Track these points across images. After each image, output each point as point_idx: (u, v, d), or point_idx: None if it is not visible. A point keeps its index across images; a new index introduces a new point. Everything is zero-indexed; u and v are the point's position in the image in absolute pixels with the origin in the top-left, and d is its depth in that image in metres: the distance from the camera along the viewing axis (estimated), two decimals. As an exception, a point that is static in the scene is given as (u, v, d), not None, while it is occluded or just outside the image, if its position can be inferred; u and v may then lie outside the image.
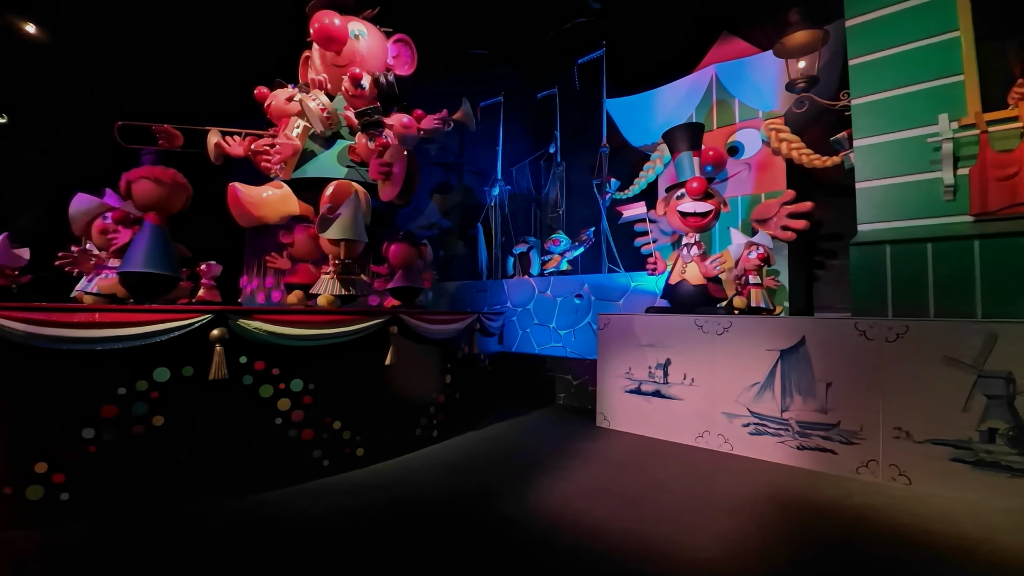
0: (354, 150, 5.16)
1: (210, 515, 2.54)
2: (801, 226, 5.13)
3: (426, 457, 3.53)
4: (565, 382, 5.38)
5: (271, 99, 5.37)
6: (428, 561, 2.14)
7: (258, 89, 5.54)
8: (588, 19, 8.88)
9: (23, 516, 2.35)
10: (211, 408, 2.71)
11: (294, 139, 5.01)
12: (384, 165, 4.58)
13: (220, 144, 5.17)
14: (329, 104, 4.99)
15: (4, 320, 2.29)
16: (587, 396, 5.18)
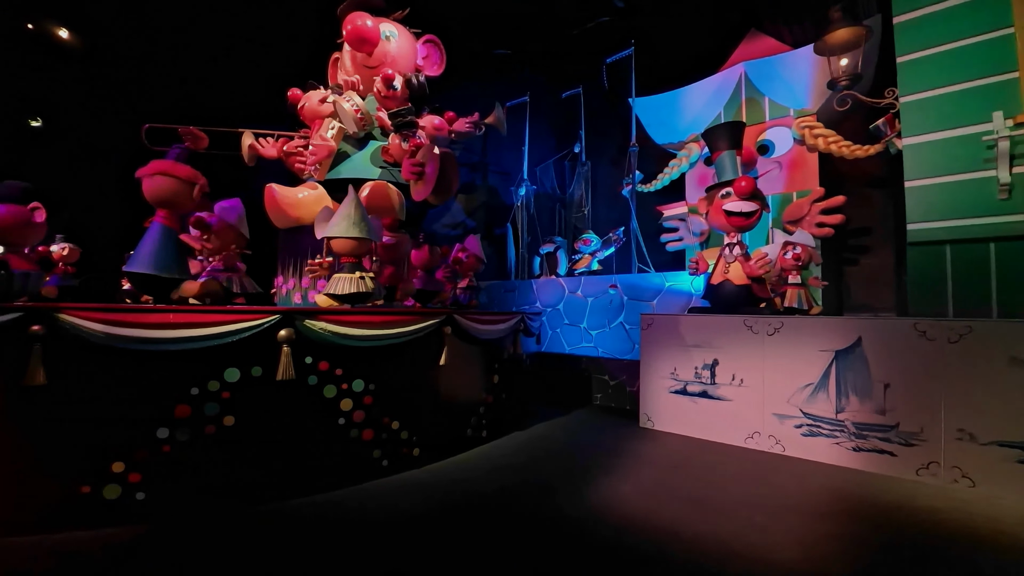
0: (387, 151, 5.16)
1: (277, 515, 2.54)
2: (837, 220, 5.08)
3: (479, 457, 3.52)
4: (601, 382, 5.36)
5: (304, 101, 5.39)
6: (506, 563, 2.12)
7: (291, 91, 5.57)
8: (612, 18, 8.83)
9: (101, 515, 2.36)
10: (278, 408, 2.72)
11: (329, 140, 5.02)
12: (416, 165, 4.58)
13: (254, 146, 5.20)
14: (363, 105, 5.00)
15: (84, 321, 2.30)
16: (625, 396, 5.16)
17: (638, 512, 2.63)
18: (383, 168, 5.17)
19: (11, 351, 2.25)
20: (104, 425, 2.38)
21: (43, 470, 2.30)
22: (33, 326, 2.25)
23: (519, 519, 2.53)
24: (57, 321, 2.28)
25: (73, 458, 2.34)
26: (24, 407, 2.28)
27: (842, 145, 6.07)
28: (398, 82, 5.14)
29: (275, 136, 5.37)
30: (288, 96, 5.61)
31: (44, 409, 2.30)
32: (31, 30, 7.45)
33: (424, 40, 5.73)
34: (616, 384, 5.24)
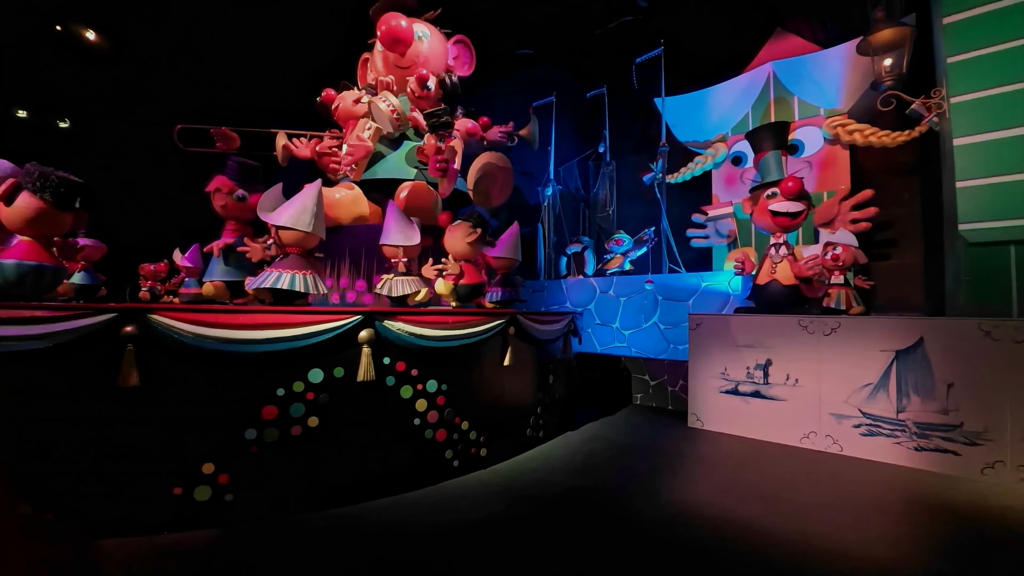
0: (422, 151, 5.14)
1: (361, 516, 2.53)
2: (871, 214, 5.07)
3: (542, 457, 3.52)
4: (642, 382, 5.36)
5: (338, 101, 5.37)
6: (603, 565, 2.12)
7: (325, 92, 5.55)
8: (635, 17, 8.82)
9: (192, 517, 2.35)
10: (359, 409, 2.71)
11: (366, 141, 5.00)
12: (441, 162, 4.55)
13: (287, 146, 5.18)
14: (399, 106, 4.98)
15: (175, 322, 2.29)
16: (667, 396, 5.16)
17: (719, 512, 2.63)
18: (418, 168, 5.16)
19: (105, 352, 2.23)
20: (194, 426, 2.36)
21: (136, 472, 2.29)
22: (126, 327, 2.23)
23: (604, 521, 2.53)
24: (149, 322, 2.26)
25: (165, 460, 2.32)
26: (118, 408, 2.27)
27: (882, 135, 6.06)
28: (432, 82, 5.12)
29: (308, 136, 5.35)
30: (322, 96, 5.59)
31: (137, 410, 2.29)
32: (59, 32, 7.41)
33: (454, 40, 5.71)
34: (657, 384, 5.24)
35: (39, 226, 2.60)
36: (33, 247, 2.63)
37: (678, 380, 5.11)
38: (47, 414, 2.22)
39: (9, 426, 2.20)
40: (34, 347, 2.16)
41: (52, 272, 2.68)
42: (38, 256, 2.61)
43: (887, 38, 4.68)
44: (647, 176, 7.71)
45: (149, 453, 2.31)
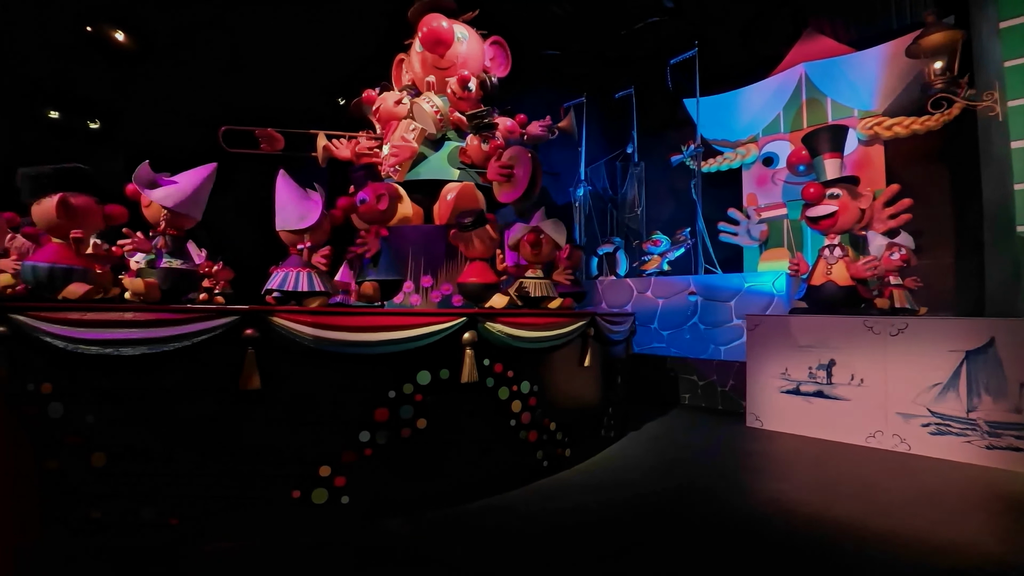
0: (465, 152, 5.14)
1: (462, 517, 2.54)
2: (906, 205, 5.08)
3: (619, 457, 3.55)
4: (689, 382, 5.39)
5: (379, 102, 5.35)
6: (711, 565, 2.14)
7: (366, 92, 5.53)
8: (662, 18, 8.84)
9: (310, 520, 2.35)
10: (463, 410, 2.72)
11: (411, 142, 5.00)
12: (505, 167, 4.53)
13: (328, 147, 5.16)
14: (442, 106, 4.97)
15: (296, 324, 2.29)
16: (716, 396, 5.20)
17: (816, 511, 2.66)
18: (461, 169, 5.15)
19: (228, 355, 2.23)
20: (312, 429, 2.36)
21: (257, 475, 2.29)
22: (247, 330, 2.23)
23: (705, 521, 2.54)
24: (271, 325, 2.26)
25: (284, 463, 2.32)
26: (240, 411, 2.26)
27: (924, 120, 6.08)
28: (473, 84, 5.12)
29: (347, 137, 5.35)
30: (363, 97, 5.57)
31: (258, 413, 2.28)
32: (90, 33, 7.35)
33: (491, 41, 5.71)
34: (706, 384, 5.28)
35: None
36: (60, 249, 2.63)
37: (728, 380, 5.14)
38: (170, 416, 2.21)
39: (134, 428, 2.19)
40: (160, 350, 2.16)
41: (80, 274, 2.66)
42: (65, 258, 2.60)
43: (938, 41, 4.72)
44: (675, 157, 7.72)
45: (269, 456, 2.31)
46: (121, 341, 2.13)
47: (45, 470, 2.15)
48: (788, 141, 7.28)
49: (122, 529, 2.18)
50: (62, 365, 2.16)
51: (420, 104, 5.01)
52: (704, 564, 2.13)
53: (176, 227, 2.81)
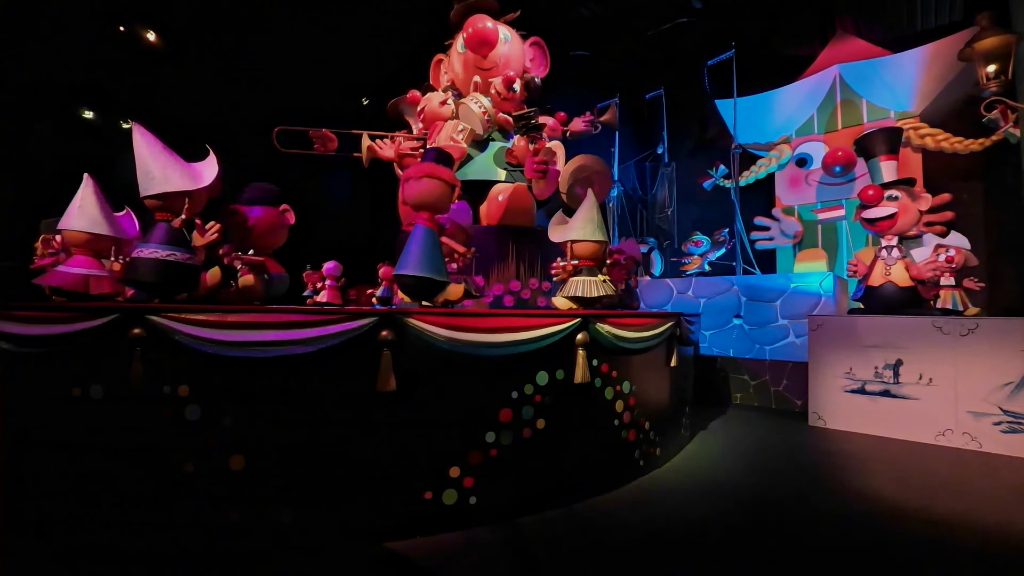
0: (511, 152, 5.14)
1: (574, 517, 2.55)
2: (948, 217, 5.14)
3: (700, 456, 3.57)
4: (740, 382, 5.43)
5: (424, 103, 5.34)
6: (827, 565, 2.16)
7: (411, 93, 5.52)
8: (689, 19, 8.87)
9: (441, 520, 2.35)
10: (575, 411, 2.72)
11: (460, 142, 4.98)
12: (540, 163, 4.54)
13: (372, 147, 5.14)
14: (489, 107, 4.96)
15: (430, 326, 2.28)
16: (769, 395, 5.24)
17: (918, 509, 2.70)
18: (508, 170, 5.15)
19: (363, 357, 2.22)
20: (444, 430, 2.36)
21: (391, 476, 2.28)
22: (383, 331, 2.22)
23: (807, 522, 2.56)
24: (406, 326, 2.25)
25: (418, 464, 2.32)
26: (375, 413, 2.26)
27: (953, 141, 6.20)
28: (518, 84, 5.11)
29: (391, 138, 5.34)
30: (408, 98, 5.55)
31: (393, 414, 2.28)
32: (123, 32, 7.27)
33: (530, 42, 5.70)
34: (758, 383, 5.31)
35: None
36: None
37: (781, 380, 5.19)
38: (307, 419, 2.20)
39: (271, 430, 2.18)
40: (299, 352, 2.14)
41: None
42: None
43: (993, 45, 4.78)
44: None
45: (402, 458, 2.30)
46: (261, 343, 2.11)
47: (182, 473, 2.13)
48: (822, 142, 7.34)
49: (260, 532, 2.16)
50: (199, 367, 2.14)
51: (468, 104, 4.99)
52: (834, 569, 2.15)
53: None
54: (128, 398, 2.13)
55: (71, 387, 2.19)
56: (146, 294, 2.65)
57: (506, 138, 5.23)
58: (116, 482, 2.14)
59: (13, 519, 2.13)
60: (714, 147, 8.27)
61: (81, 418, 2.17)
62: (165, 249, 2.58)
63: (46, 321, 2.15)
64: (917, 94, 6.65)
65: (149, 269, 2.54)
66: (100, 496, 2.14)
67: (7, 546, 2.13)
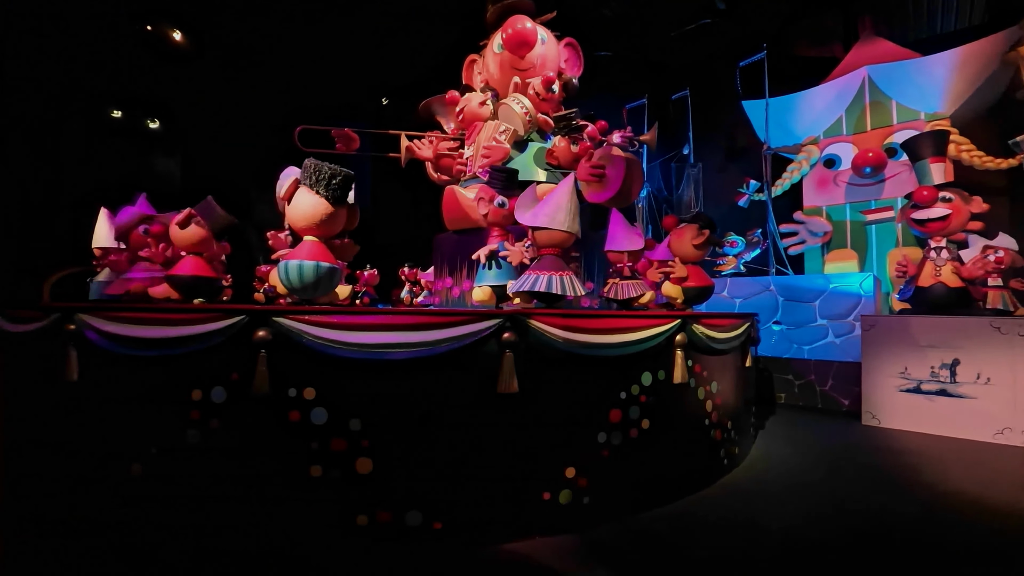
0: (552, 153, 5.12)
1: (679, 517, 2.57)
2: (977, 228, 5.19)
3: (771, 456, 3.62)
4: (784, 381, 5.47)
5: (463, 103, 5.32)
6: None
7: (449, 93, 5.49)
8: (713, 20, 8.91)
9: (557, 521, 2.35)
10: (675, 410, 2.74)
11: (504, 143, 4.97)
12: (596, 167, 4.53)
13: (410, 147, 5.12)
14: (531, 108, 4.95)
15: (549, 327, 2.28)
16: (815, 395, 5.29)
17: (1009, 505, 2.73)
18: (548, 170, 5.14)
19: (485, 359, 2.22)
20: (560, 431, 2.37)
21: (512, 478, 2.28)
22: (506, 333, 2.22)
23: (917, 530, 2.59)
24: (528, 327, 2.25)
25: (536, 465, 2.32)
26: (496, 415, 2.26)
27: (974, 155, 6.28)
28: (557, 85, 5.09)
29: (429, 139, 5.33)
30: (446, 98, 5.53)
31: (513, 416, 2.28)
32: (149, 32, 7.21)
33: (565, 43, 5.69)
34: (804, 383, 5.36)
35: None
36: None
37: (827, 379, 5.23)
38: (432, 420, 2.20)
39: (398, 432, 2.17)
40: (427, 353, 2.14)
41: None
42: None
43: (1036, 49, 4.85)
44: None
45: (523, 459, 2.30)
46: (390, 345, 2.11)
47: (311, 477, 2.12)
48: (851, 143, 7.40)
49: (388, 534, 2.15)
50: (325, 370, 2.13)
51: (510, 105, 4.98)
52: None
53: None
54: (252, 401, 2.11)
55: (190, 390, 2.17)
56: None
57: (543, 139, 5.22)
58: (237, 486, 2.12)
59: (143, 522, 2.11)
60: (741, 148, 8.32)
61: (200, 422, 2.15)
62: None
63: (167, 323, 2.13)
64: (948, 96, 6.72)
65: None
66: (220, 499, 2.13)
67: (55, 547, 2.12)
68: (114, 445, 2.24)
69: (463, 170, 4.97)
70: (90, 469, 2.25)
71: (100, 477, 2.24)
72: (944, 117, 6.80)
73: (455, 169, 5.09)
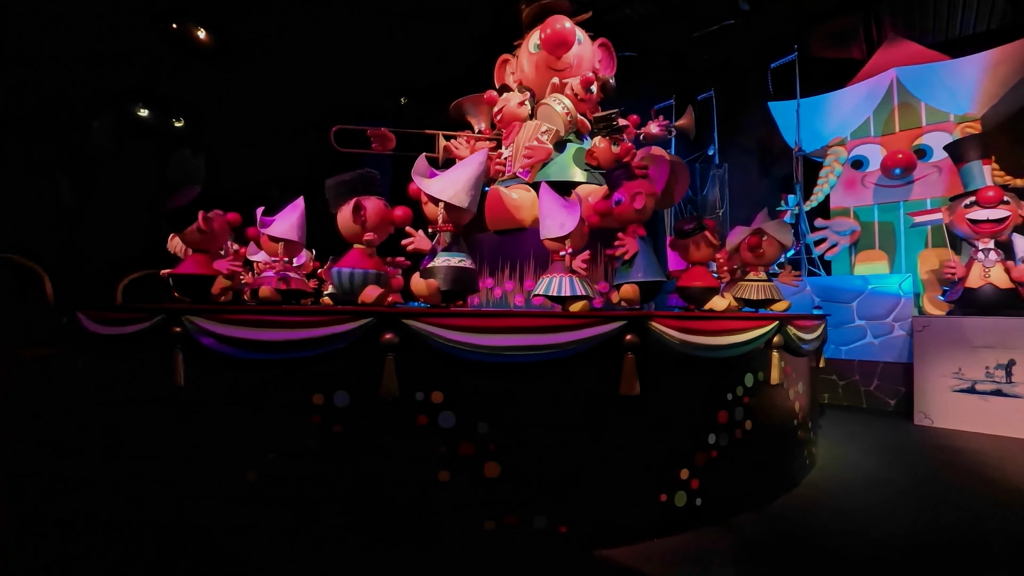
0: (592, 154, 5.12)
1: (780, 518, 2.59)
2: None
3: (838, 456, 3.64)
4: (828, 382, 5.51)
5: (502, 103, 5.30)
6: None
7: (488, 94, 5.46)
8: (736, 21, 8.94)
9: (673, 522, 2.36)
10: (771, 411, 2.75)
11: (546, 143, 4.95)
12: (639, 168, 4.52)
13: (448, 147, 5.10)
14: (572, 108, 4.93)
15: (667, 329, 2.28)
16: (859, 395, 5.33)
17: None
18: (587, 171, 5.13)
19: (607, 361, 2.22)
20: (674, 433, 2.37)
21: (632, 480, 2.28)
22: (628, 335, 2.22)
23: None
24: (649, 329, 2.25)
25: (655, 466, 2.33)
26: (618, 416, 2.26)
27: (995, 172, 6.31)
28: (595, 85, 5.08)
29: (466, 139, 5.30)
30: (484, 98, 5.50)
31: (633, 418, 2.28)
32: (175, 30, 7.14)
33: (599, 44, 5.68)
34: (847, 383, 5.40)
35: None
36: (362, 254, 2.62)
37: (872, 380, 5.28)
38: (558, 424, 2.19)
39: (524, 436, 2.16)
40: (557, 356, 2.13)
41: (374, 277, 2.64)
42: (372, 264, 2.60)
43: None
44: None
45: (643, 460, 2.30)
46: (519, 347, 2.10)
47: (438, 482, 2.11)
48: (879, 145, 7.46)
49: (515, 540, 2.14)
50: (453, 373, 2.12)
51: (551, 105, 4.96)
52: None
53: (453, 222, 2.78)
54: (378, 405, 2.09)
55: (311, 394, 2.15)
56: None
57: (580, 139, 5.20)
58: (362, 492, 2.10)
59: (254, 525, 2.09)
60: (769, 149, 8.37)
61: (322, 427, 2.13)
62: (455, 257, 2.69)
63: (289, 326, 2.11)
64: (979, 98, 6.80)
65: (446, 277, 2.61)
66: (344, 505, 2.11)
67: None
68: (227, 451, 2.21)
69: (501, 170, 4.94)
70: (200, 475, 2.23)
71: (212, 484, 2.22)
72: (974, 119, 6.88)
73: (493, 169, 5.07)
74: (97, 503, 2.42)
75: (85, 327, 2.69)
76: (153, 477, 2.32)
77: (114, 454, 2.43)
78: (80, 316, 2.77)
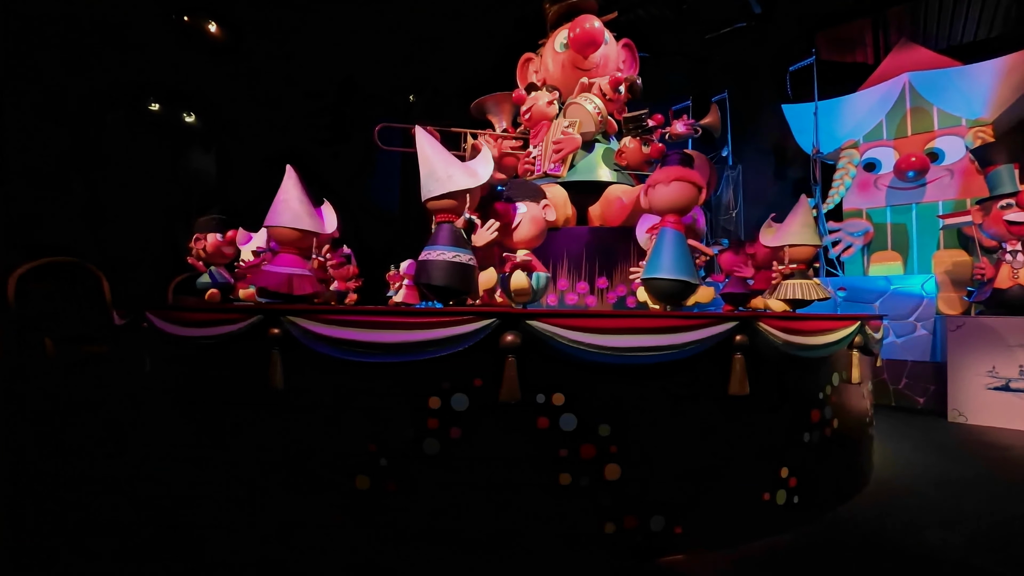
0: (621, 154, 5.15)
1: (863, 515, 2.64)
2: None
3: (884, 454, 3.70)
4: (855, 379, 5.62)
5: (531, 103, 5.30)
6: None
7: (516, 93, 5.46)
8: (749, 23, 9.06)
9: (776, 521, 2.40)
10: (852, 411, 2.82)
11: (574, 134, 4.94)
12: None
13: (477, 146, 5.09)
14: (603, 108, 4.95)
15: (773, 329, 2.32)
16: (888, 393, 5.47)
17: None
18: (616, 171, 5.16)
19: (715, 361, 2.24)
20: (773, 431, 2.41)
21: (744, 478, 2.32)
22: (738, 335, 2.25)
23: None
24: (756, 330, 2.28)
25: (760, 465, 2.36)
26: (724, 417, 2.28)
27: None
28: (624, 86, 5.11)
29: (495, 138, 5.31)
30: (513, 98, 5.49)
31: (742, 417, 2.31)
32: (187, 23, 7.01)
33: (622, 44, 5.71)
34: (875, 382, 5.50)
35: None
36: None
37: (900, 378, 5.41)
38: (672, 425, 2.21)
39: (643, 438, 2.18)
40: (676, 357, 2.15)
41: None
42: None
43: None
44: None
45: (748, 460, 2.34)
46: (641, 348, 2.11)
47: (559, 485, 2.11)
48: (892, 148, 7.63)
49: (633, 543, 2.15)
50: (573, 374, 2.12)
51: (582, 104, 4.97)
52: None
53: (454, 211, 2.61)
54: (498, 408, 2.08)
55: (427, 396, 2.13)
56: (434, 297, 2.61)
57: (607, 139, 5.22)
58: (481, 497, 2.09)
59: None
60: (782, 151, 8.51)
61: (440, 431, 2.11)
62: (451, 251, 2.53)
63: (405, 327, 2.09)
64: (992, 103, 6.98)
65: (440, 272, 2.48)
66: (461, 511, 2.10)
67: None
68: (333, 457, 2.18)
69: (530, 169, 4.93)
70: (303, 482, 2.20)
71: (317, 491, 2.19)
72: (987, 123, 7.07)
73: (520, 168, 5.06)
74: (201, 512, 2.38)
75: (158, 328, 2.63)
76: (257, 487, 2.27)
77: (205, 464, 2.39)
78: (151, 317, 2.71)
